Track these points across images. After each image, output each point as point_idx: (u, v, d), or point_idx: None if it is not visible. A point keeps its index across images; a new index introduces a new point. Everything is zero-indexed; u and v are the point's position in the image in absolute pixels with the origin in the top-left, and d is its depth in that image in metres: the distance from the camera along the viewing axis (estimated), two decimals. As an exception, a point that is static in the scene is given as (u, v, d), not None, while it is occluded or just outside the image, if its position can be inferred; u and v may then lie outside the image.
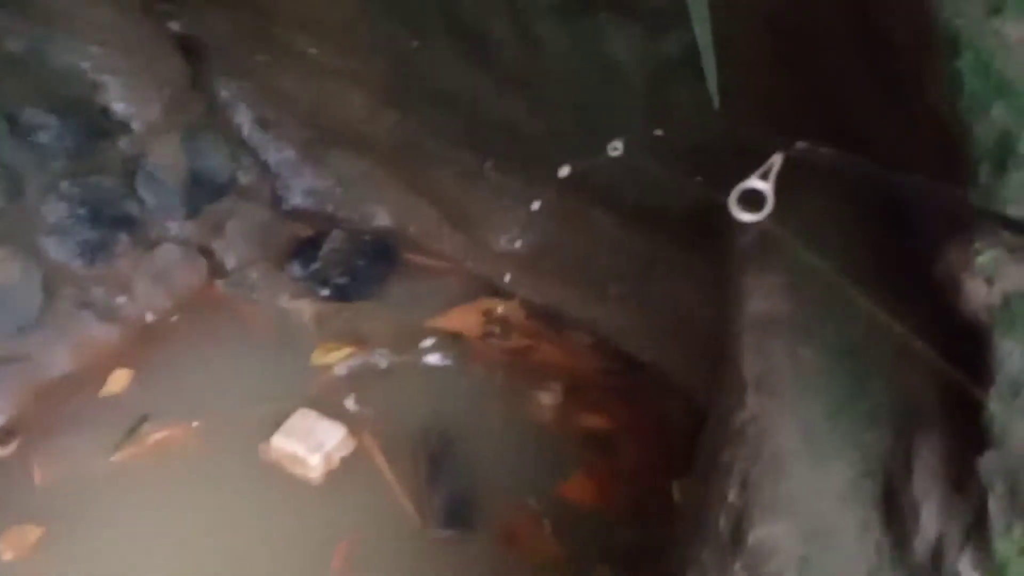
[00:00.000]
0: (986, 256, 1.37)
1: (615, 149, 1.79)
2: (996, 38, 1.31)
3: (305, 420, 2.76)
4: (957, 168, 1.40)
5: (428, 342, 3.03)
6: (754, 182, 1.32)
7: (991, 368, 1.34)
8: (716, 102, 1.85)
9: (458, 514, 2.51)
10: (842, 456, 1.52)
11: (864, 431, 1.54)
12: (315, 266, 3.33)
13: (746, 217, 1.35)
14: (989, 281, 1.37)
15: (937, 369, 1.50)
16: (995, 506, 1.27)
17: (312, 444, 2.68)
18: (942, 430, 1.44)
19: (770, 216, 1.62)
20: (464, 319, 3.13)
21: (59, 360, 2.93)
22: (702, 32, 1.57)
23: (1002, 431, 1.31)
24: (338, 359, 3.01)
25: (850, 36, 1.86)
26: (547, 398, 2.82)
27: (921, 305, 1.60)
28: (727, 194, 2.21)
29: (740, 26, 1.76)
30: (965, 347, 1.42)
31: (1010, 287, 1.36)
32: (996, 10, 1.30)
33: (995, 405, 1.32)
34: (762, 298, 1.80)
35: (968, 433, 1.36)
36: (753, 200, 1.54)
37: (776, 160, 1.29)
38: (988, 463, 1.30)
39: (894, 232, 1.52)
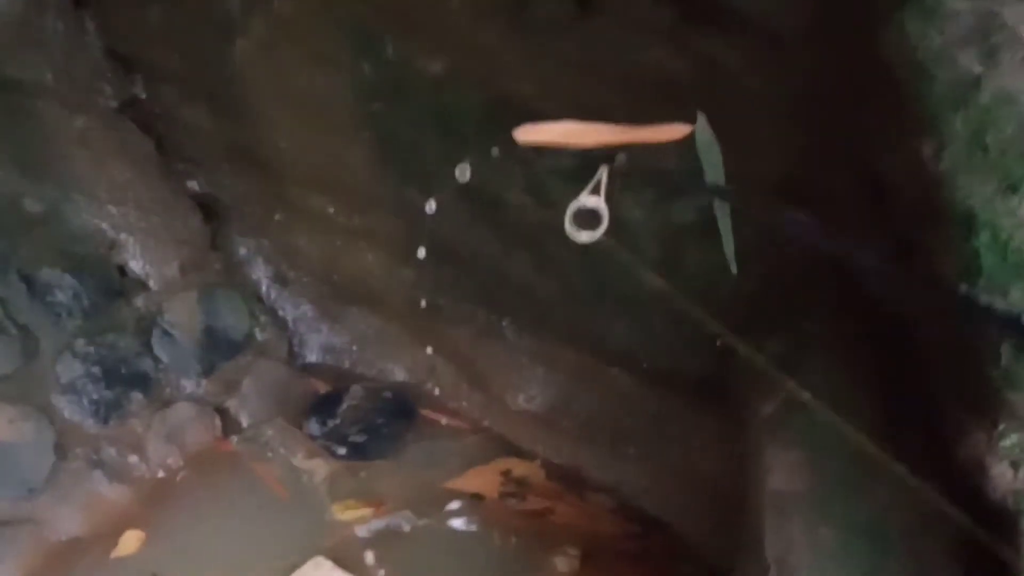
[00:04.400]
0: (1011, 439, 1.33)
1: (463, 174, 1.75)
2: (1013, 218, 1.29)
3: (319, 570, 2.71)
4: (977, 347, 1.37)
5: (453, 506, 2.98)
6: (586, 199, 1.28)
7: (1019, 557, 1.29)
8: (733, 267, 1.84)
9: None
10: (866, 647, 1.46)
11: (886, 615, 1.48)
12: (333, 423, 3.31)
13: (583, 237, 1.30)
14: (1015, 465, 1.33)
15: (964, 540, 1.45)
16: None
17: (325, 596, 2.61)
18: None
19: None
20: (482, 480, 3.09)
21: (69, 522, 2.89)
22: (719, 200, 1.57)
23: (1034, 621, 1.25)
24: (357, 517, 2.96)
25: (862, 201, 1.85)
26: (564, 564, 2.74)
27: (945, 484, 1.56)
28: (744, 359, 2.19)
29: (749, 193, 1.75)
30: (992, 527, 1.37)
31: (1037, 472, 1.32)
32: (1012, 189, 1.29)
33: (1026, 594, 1.27)
34: (782, 475, 1.75)
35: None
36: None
37: (603, 173, 1.25)
38: (1019, 653, 1.25)
39: (916, 413, 1.49)
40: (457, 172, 1.81)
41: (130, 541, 2.91)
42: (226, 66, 2.92)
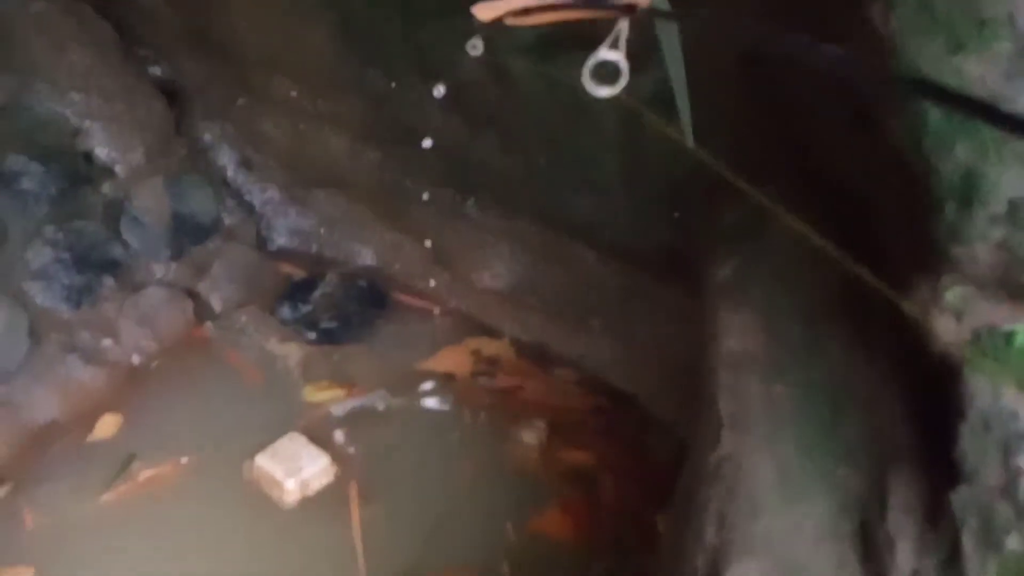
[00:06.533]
0: (954, 292, 1.38)
1: (474, 48, 1.74)
2: (958, 76, 1.31)
3: (293, 444, 2.76)
4: (922, 204, 1.41)
5: (426, 386, 3.03)
6: (605, 53, 1.27)
7: (962, 404, 1.34)
8: (690, 140, 1.86)
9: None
10: (818, 493, 1.51)
11: (839, 468, 1.53)
12: (306, 309, 3.33)
13: (602, 92, 1.31)
14: (958, 317, 1.37)
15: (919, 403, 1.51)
16: (968, 541, 1.27)
17: (291, 468, 2.67)
18: (915, 466, 1.44)
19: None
20: (454, 360, 3.14)
21: (46, 405, 2.92)
22: (675, 70, 1.57)
23: (973, 466, 1.31)
24: (330, 398, 3.01)
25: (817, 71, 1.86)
26: (531, 436, 2.81)
27: (892, 342, 1.61)
28: (702, 229, 2.22)
29: (710, 64, 1.76)
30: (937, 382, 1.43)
31: (979, 323, 1.37)
32: (959, 48, 1.31)
33: (966, 441, 1.33)
34: (737, 336, 1.80)
35: (941, 468, 1.36)
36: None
37: (623, 27, 1.24)
38: (961, 498, 1.30)
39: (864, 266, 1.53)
40: (468, 47, 1.78)
41: (107, 424, 2.95)
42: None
